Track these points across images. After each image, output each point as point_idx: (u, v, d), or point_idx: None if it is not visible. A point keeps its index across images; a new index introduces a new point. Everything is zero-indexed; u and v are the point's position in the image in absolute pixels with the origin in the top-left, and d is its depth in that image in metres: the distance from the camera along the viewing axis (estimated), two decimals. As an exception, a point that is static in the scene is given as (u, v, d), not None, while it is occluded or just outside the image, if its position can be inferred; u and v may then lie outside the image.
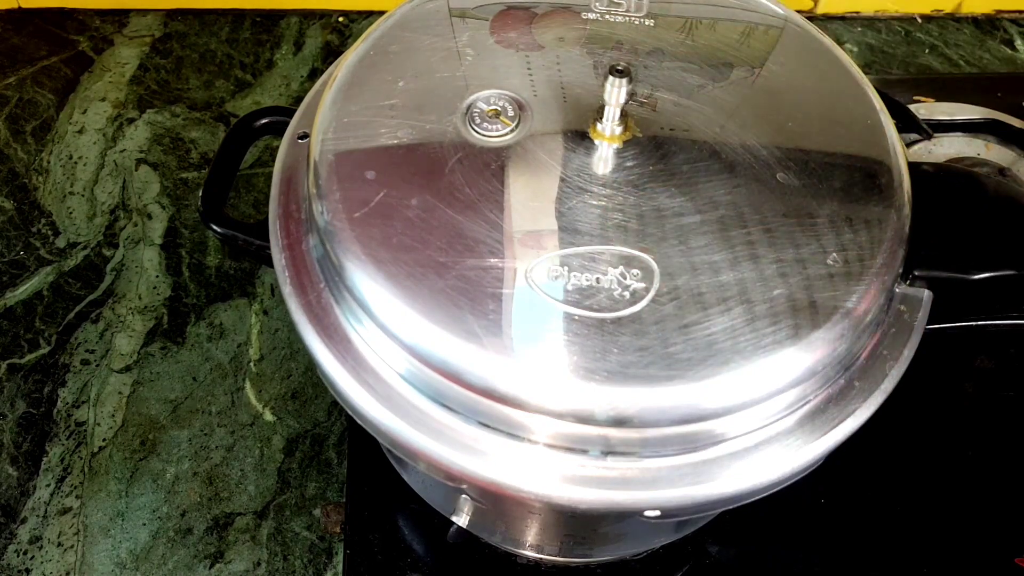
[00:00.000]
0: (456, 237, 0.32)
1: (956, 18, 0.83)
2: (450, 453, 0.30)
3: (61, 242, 0.62)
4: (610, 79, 0.33)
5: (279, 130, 0.41)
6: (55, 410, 0.54)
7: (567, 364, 0.29)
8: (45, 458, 0.52)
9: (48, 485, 0.51)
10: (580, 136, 0.35)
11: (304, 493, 0.51)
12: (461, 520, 0.44)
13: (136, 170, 0.66)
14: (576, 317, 0.30)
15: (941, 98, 0.62)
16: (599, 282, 0.31)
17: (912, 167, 0.36)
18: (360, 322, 0.32)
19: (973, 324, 0.37)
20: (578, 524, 0.41)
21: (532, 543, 0.44)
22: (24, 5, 0.77)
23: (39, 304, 0.59)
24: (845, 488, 0.49)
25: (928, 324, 0.34)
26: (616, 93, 0.33)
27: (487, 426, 0.31)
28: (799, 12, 0.41)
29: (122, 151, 0.67)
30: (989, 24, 0.83)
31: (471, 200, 0.33)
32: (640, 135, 0.35)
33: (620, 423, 0.29)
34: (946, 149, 0.56)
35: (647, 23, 0.39)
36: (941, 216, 0.37)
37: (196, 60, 0.74)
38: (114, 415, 0.54)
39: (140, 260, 0.61)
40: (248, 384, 0.56)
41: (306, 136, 0.38)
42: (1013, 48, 0.81)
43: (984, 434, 0.52)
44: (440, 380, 0.30)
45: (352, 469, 0.49)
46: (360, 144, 0.35)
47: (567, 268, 0.31)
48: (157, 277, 0.60)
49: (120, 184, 0.65)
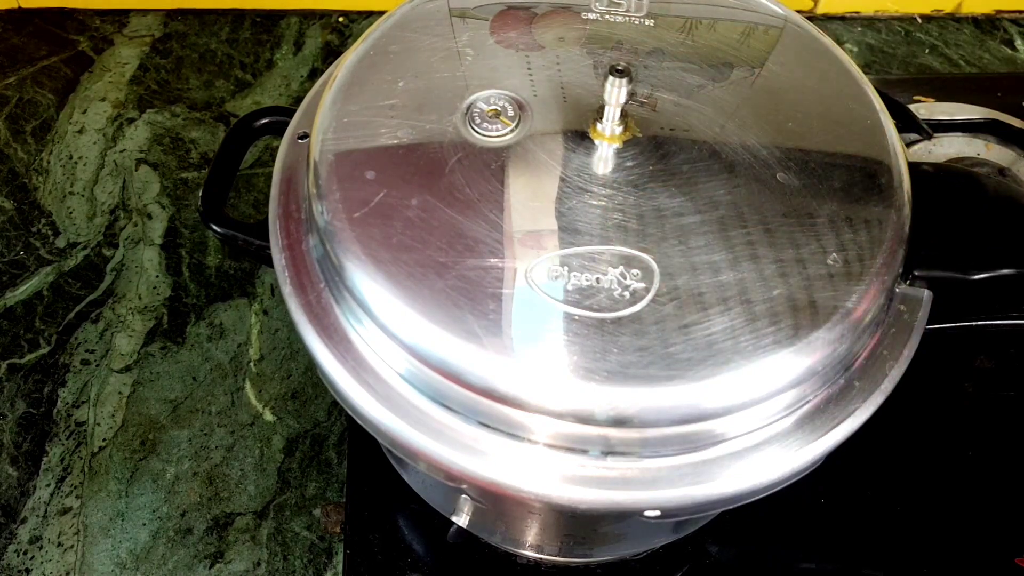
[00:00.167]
0: (456, 237, 0.32)
1: (956, 18, 0.83)
2: (450, 453, 0.30)
3: (61, 242, 0.62)
4: (610, 79, 0.33)
5: (279, 130, 0.41)
6: (55, 410, 0.54)
7: (567, 364, 0.29)
8: (45, 458, 0.52)
9: (48, 485, 0.51)
10: (580, 136, 0.35)
11: (304, 493, 0.51)
12: (461, 520, 0.44)
13: (136, 170, 0.66)
14: (576, 317, 0.30)
15: (941, 98, 0.62)
16: (599, 282, 0.31)
17: (912, 167, 0.36)
18: (360, 322, 0.32)
19: (973, 324, 0.37)
20: (578, 524, 0.41)
21: (532, 543, 0.44)
22: (24, 5, 0.77)
23: (39, 304, 0.59)
24: (845, 488, 0.49)
25: (928, 324, 0.34)
26: (616, 93, 0.33)
27: (487, 426, 0.31)
28: (799, 12, 0.41)
29: (122, 151, 0.67)
30: (989, 24, 0.83)
31: (471, 200, 0.33)
32: (640, 135, 0.35)
33: (620, 423, 0.29)
34: (946, 149, 0.56)
35: (647, 23, 0.39)
36: (941, 216, 0.37)
37: (196, 60, 0.74)
38: (114, 415, 0.54)
39: (140, 260, 0.61)
40: (248, 384, 0.56)
41: (306, 136, 0.38)
42: (1013, 48, 0.81)
43: (984, 434, 0.52)
44: (440, 380, 0.30)
45: (352, 469, 0.49)
46: (360, 144, 0.35)
47: (567, 268, 0.31)
48: (157, 277, 0.60)
49: (120, 184, 0.65)
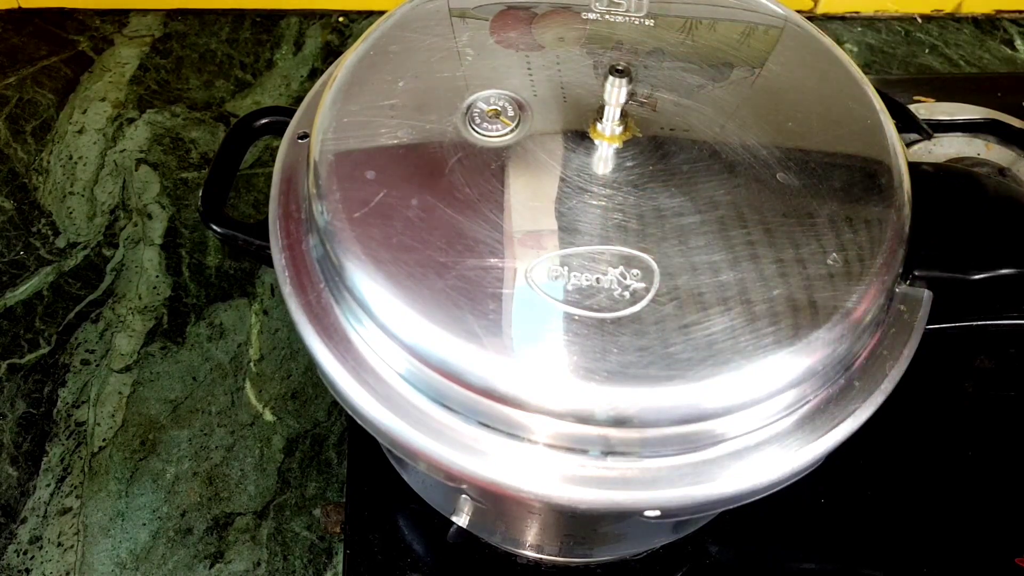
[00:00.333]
0: (456, 237, 0.32)
1: (956, 18, 0.83)
2: (450, 453, 0.30)
3: (61, 242, 0.62)
4: (610, 79, 0.33)
5: (279, 130, 0.41)
6: (55, 410, 0.54)
7: (567, 364, 0.29)
8: (45, 458, 0.52)
9: (48, 485, 0.51)
10: (580, 136, 0.35)
11: (304, 493, 0.51)
12: (461, 520, 0.44)
13: (136, 170, 0.66)
14: (576, 317, 0.30)
15: (941, 98, 0.62)
16: (599, 282, 0.31)
17: (912, 167, 0.36)
18: (360, 322, 0.32)
19: (973, 324, 0.37)
20: (578, 524, 0.41)
21: (532, 543, 0.44)
22: (24, 5, 0.77)
23: (39, 304, 0.59)
24: (845, 488, 0.49)
25: (928, 324, 0.34)
26: (616, 93, 0.33)
27: (487, 426, 0.31)
28: (799, 12, 0.41)
29: (122, 151, 0.67)
30: (989, 24, 0.83)
31: (471, 200, 0.33)
32: (640, 135, 0.35)
33: (620, 423, 0.29)
34: (946, 149, 0.56)
35: (647, 23, 0.39)
36: (941, 216, 0.37)
37: (196, 60, 0.74)
38: (114, 415, 0.54)
39: (140, 260, 0.61)
40: (248, 384, 0.56)
41: (306, 136, 0.38)
42: (1013, 48, 0.81)
43: (984, 434, 0.52)
44: (440, 380, 0.30)
45: (352, 469, 0.49)
46: (360, 144, 0.35)
47: (567, 268, 0.31)
48: (157, 277, 0.60)
49: (120, 184, 0.65)
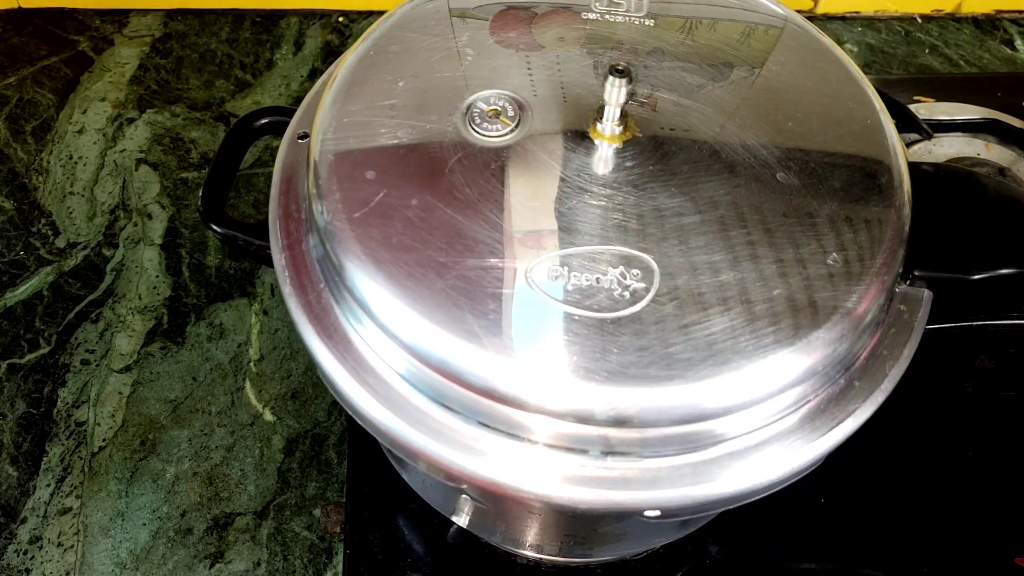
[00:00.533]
0: (456, 237, 0.32)
1: (956, 18, 0.83)
2: (450, 453, 0.30)
3: (61, 242, 0.62)
4: (610, 79, 0.33)
5: (279, 130, 0.41)
6: (55, 410, 0.54)
7: (567, 364, 0.29)
8: (45, 458, 0.52)
9: (48, 485, 0.51)
10: (580, 136, 0.35)
11: (304, 493, 0.51)
12: (461, 520, 0.44)
13: (136, 170, 0.66)
14: (576, 317, 0.30)
15: (941, 98, 0.62)
16: (599, 282, 0.31)
17: (912, 167, 0.36)
18: (360, 322, 0.32)
19: (973, 324, 0.37)
20: (578, 524, 0.41)
21: (532, 543, 0.44)
22: (24, 5, 0.77)
23: (39, 304, 0.59)
24: (845, 488, 0.49)
25: (928, 324, 0.34)
26: (616, 93, 0.33)
27: (487, 426, 0.31)
28: (799, 12, 0.41)
29: (122, 151, 0.67)
30: (989, 24, 0.83)
31: (471, 200, 0.33)
32: (640, 135, 0.35)
33: (620, 423, 0.29)
34: (946, 149, 0.56)
35: (647, 23, 0.39)
36: (941, 216, 0.37)
37: (196, 60, 0.74)
38: (114, 415, 0.54)
39: (140, 260, 0.61)
40: (248, 384, 0.56)
41: (306, 136, 0.38)
42: (1013, 48, 0.81)
43: (984, 434, 0.52)
44: (440, 380, 0.30)
45: (352, 469, 0.49)
46: (360, 144, 0.35)
47: (567, 268, 0.31)
48: (157, 277, 0.60)
49: (120, 184, 0.65)
